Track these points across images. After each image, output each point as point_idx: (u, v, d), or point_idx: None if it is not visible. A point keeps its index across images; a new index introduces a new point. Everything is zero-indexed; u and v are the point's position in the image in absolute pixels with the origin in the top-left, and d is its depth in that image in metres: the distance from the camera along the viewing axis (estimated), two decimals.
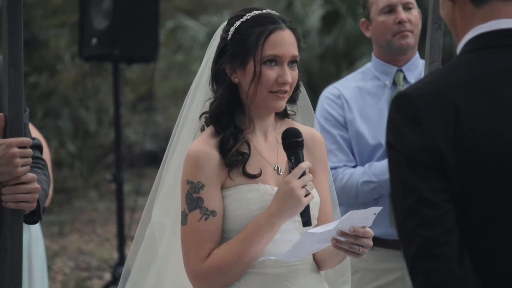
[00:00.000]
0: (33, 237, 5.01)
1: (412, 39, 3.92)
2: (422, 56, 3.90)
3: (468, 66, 1.99)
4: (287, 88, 2.78)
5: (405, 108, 1.95)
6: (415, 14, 3.92)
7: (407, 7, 3.91)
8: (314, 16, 12.68)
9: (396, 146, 1.95)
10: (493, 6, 2.00)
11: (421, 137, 1.92)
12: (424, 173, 1.91)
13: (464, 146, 1.91)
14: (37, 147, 3.12)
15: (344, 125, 3.93)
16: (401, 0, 3.90)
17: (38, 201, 2.96)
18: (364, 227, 2.68)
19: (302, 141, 2.74)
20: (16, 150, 2.86)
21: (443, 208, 1.91)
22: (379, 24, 3.92)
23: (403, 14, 3.88)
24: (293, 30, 2.81)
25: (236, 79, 2.80)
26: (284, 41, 2.77)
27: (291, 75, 2.78)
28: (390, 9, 3.90)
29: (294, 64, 2.80)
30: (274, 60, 2.77)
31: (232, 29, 2.80)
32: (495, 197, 1.93)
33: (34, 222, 3.08)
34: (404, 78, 3.97)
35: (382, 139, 3.87)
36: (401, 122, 1.94)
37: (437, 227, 1.90)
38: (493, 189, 1.93)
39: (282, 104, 2.80)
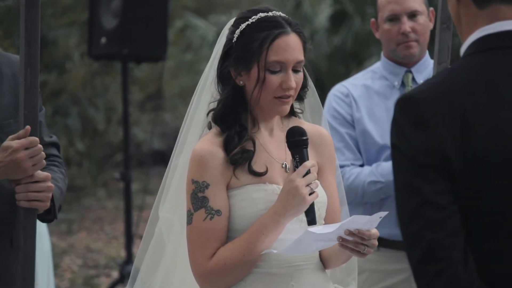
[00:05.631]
0: (38, 234, 5.02)
1: (416, 49, 3.88)
2: (432, 57, 3.89)
3: (473, 68, 1.98)
4: (291, 93, 2.78)
5: (410, 110, 1.94)
6: (421, 21, 3.85)
7: (412, 15, 3.85)
8: (323, 16, 12.67)
9: (401, 148, 1.94)
10: (496, 8, 2.00)
11: (427, 139, 1.91)
12: (428, 175, 1.91)
13: (471, 148, 1.91)
14: (54, 145, 3.13)
15: (351, 124, 3.92)
16: (406, 9, 3.84)
17: (53, 200, 2.97)
18: (369, 230, 2.68)
19: (307, 139, 2.75)
20: (22, 154, 2.86)
21: (448, 210, 1.90)
22: (384, 32, 3.90)
23: (406, 25, 3.83)
24: (299, 33, 2.79)
25: (241, 82, 2.81)
26: (289, 47, 2.75)
27: (296, 79, 2.78)
28: (395, 18, 3.86)
29: (299, 68, 2.80)
30: (278, 66, 2.76)
31: (238, 31, 2.79)
32: (502, 199, 1.92)
33: (49, 221, 3.08)
34: (413, 79, 3.95)
35: (389, 139, 3.86)
36: (407, 123, 1.94)
37: (441, 230, 1.90)
38: (500, 190, 1.92)
39: (286, 108, 2.81)
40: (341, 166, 3.84)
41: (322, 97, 3.10)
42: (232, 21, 2.88)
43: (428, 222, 1.90)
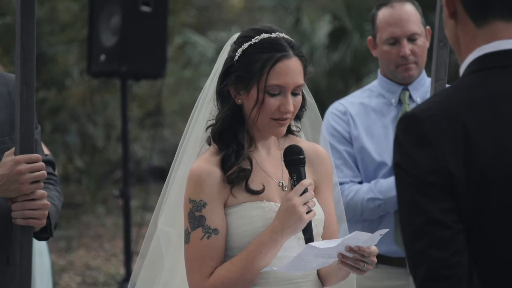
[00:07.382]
0: (37, 251, 5.02)
1: (415, 71, 3.90)
2: (428, 74, 3.90)
3: (474, 87, 1.98)
4: (288, 115, 2.79)
5: (413, 129, 1.93)
6: (420, 43, 3.87)
7: (412, 38, 3.86)
8: (321, 32, 12.69)
9: (404, 167, 1.93)
10: (495, 26, 2.01)
11: (431, 158, 1.91)
12: (433, 193, 1.90)
13: (474, 166, 1.91)
14: (50, 163, 3.13)
15: (349, 141, 3.92)
16: (406, 33, 3.85)
17: (49, 217, 2.96)
18: (369, 247, 2.68)
19: (304, 158, 2.75)
20: (22, 167, 2.86)
21: (453, 229, 1.90)
22: (383, 53, 3.91)
23: (406, 48, 3.84)
24: (301, 57, 2.79)
25: (240, 101, 2.81)
26: (289, 71, 2.75)
27: (294, 103, 2.78)
28: (395, 41, 3.87)
29: (298, 92, 2.80)
30: (278, 89, 2.76)
31: (240, 50, 2.79)
32: (506, 216, 1.92)
33: (45, 239, 3.08)
34: (410, 96, 3.96)
35: (387, 157, 3.87)
36: (410, 142, 1.93)
37: (447, 248, 1.89)
38: (505, 207, 1.92)
39: (282, 130, 2.81)
40: (340, 183, 3.83)
41: (321, 113, 3.11)
42: (234, 37, 2.88)
43: (434, 241, 1.89)
